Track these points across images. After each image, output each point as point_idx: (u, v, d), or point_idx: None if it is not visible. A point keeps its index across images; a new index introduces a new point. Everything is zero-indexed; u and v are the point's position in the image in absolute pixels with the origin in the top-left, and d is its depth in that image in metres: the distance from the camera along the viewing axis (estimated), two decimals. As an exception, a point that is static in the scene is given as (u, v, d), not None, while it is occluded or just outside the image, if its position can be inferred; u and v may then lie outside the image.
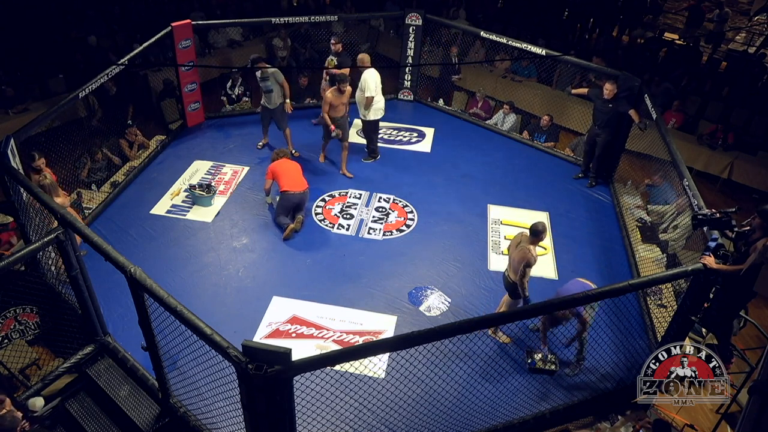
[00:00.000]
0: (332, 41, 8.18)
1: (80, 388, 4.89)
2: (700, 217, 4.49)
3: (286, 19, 9.17)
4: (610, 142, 7.44)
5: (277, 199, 6.68)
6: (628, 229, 6.92)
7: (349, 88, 7.29)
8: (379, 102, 7.55)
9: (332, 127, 7.31)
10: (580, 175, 7.94)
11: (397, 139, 8.64)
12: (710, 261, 4.27)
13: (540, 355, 5.00)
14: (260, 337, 5.30)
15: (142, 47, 7.51)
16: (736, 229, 4.45)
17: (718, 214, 4.40)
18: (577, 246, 6.68)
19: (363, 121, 7.72)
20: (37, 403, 4.40)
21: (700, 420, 5.21)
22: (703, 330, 5.59)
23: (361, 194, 7.31)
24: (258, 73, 7.61)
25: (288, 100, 7.67)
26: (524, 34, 11.37)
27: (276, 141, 8.13)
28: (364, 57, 7.56)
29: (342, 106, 7.32)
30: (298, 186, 6.47)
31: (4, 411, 3.93)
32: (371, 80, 7.39)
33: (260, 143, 8.20)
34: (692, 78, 10.76)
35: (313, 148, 8.10)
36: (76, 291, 4.65)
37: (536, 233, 4.90)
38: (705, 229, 4.89)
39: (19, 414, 3.99)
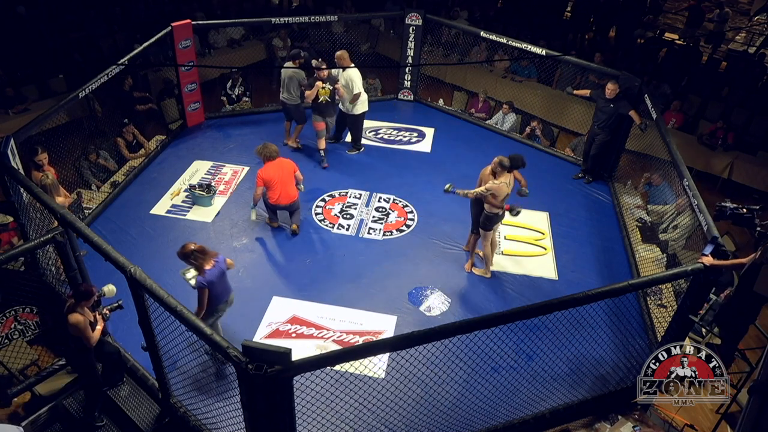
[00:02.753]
0: (317, 64, 7.54)
1: (80, 388, 4.89)
2: (722, 207, 4.31)
3: (286, 19, 9.19)
4: (607, 142, 7.45)
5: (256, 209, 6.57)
6: (628, 229, 6.92)
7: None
8: (363, 95, 7.68)
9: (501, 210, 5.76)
10: (579, 175, 7.95)
11: (397, 139, 8.64)
12: (709, 260, 4.27)
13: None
14: (260, 337, 5.30)
15: (141, 47, 7.50)
16: (758, 229, 4.33)
17: (744, 210, 4.26)
18: (577, 246, 6.68)
19: (349, 115, 7.81)
20: (112, 288, 4.47)
21: (700, 420, 5.21)
22: (703, 330, 5.59)
23: (361, 194, 7.31)
24: (304, 77, 7.56)
25: None
26: (524, 33, 11.37)
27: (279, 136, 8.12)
28: (343, 54, 7.55)
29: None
30: (287, 199, 6.23)
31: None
32: (357, 78, 7.52)
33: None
34: (692, 78, 10.77)
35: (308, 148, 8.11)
36: (76, 291, 4.65)
37: (504, 165, 5.61)
38: (705, 228, 4.89)
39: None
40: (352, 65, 7.57)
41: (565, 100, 9.69)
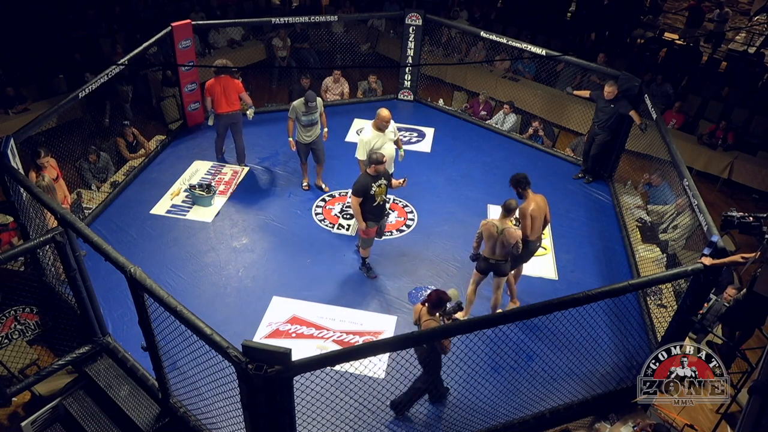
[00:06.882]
0: (376, 157, 5.56)
1: (80, 388, 4.89)
2: (729, 217, 4.22)
3: (286, 19, 9.18)
4: (607, 142, 7.45)
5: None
6: (628, 229, 6.92)
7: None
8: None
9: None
10: (579, 175, 7.95)
11: (397, 139, 8.63)
12: (708, 261, 4.26)
13: None
14: (260, 337, 5.30)
15: (141, 47, 7.49)
16: (767, 237, 4.28)
17: (750, 218, 4.17)
18: (577, 246, 6.68)
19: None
20: (456, 292, 4.43)
21: (700, 420, 5.22)
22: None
23: (361, 194, 7.29)
24: (304, 108, 6.54)
25: (326, 129, 7.04)
26: (524, 33, 11.37)
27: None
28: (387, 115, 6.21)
29: None
30: (229, 107, 7.19)
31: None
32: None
33: (305, 183, 7.33)
34: (692, 78, 10.77)
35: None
36: (75, 291, 4.65)
37: (510, 209, 5.11)
38: (705, 228, 4.88)
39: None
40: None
41: (565, 100, 9.69)
